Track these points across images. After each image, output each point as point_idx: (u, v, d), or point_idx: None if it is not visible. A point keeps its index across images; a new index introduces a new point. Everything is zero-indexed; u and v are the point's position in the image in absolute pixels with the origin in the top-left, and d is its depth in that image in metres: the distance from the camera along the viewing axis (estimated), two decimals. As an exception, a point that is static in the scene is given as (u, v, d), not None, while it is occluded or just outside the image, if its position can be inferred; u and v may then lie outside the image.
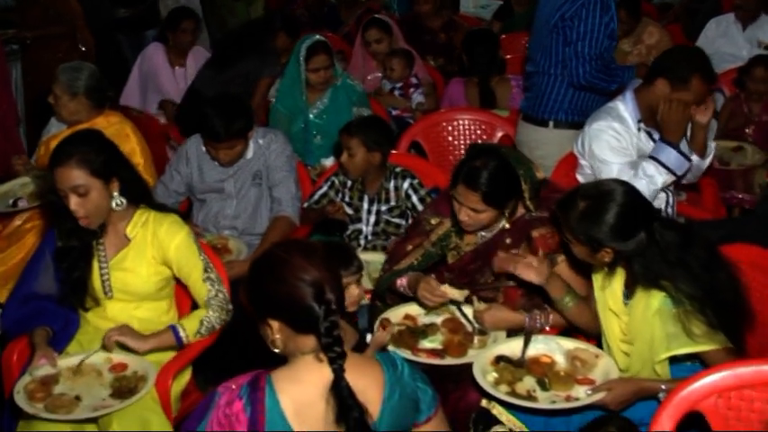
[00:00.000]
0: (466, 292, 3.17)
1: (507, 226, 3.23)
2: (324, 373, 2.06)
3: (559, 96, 4.30)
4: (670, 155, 3.64)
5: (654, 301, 2.73)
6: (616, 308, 2.92)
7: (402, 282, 3.29)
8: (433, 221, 3.40)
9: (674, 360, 2.75)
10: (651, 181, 3.64)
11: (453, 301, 3.21)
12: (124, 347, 3.03)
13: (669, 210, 3.82)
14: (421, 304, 3.23)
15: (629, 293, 2.88)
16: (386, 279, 3.40)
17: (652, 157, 3.67)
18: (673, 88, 3.62)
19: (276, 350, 2.12)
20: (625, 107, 3.78)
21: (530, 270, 3.00)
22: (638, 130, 3.77)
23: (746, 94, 5.07)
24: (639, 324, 2.78)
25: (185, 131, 4.79)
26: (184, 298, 3.33)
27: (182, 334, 3.07)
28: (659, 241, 2.69)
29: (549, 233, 3.14)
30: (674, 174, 3.66)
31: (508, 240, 3.24)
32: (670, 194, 3.85)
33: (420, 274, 3.28)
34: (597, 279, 2.99)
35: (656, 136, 3.74)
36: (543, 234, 3.17)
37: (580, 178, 3.96)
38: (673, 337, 2.68)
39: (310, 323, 2.05)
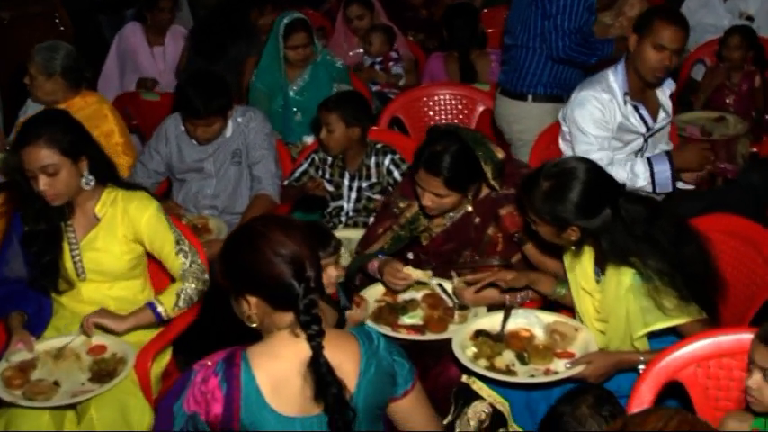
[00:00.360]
0: (429, 273, 3.18)
1: (470, 209, 3.24)
2: (300, 349, 2.05)
3: (538, 70, 4.28)
4: (665, 173, 3.69)
5: (625, 278, 2.72)
6: (588, 286, 2.91)
7: (373, 266, 3.30)
8: (402, 204, 3.40)
9: (652, 335, 2.75)
10: (632, 178, 3.69)
11: (434, 278, 3.23)
12: (104, 330, 3.01)
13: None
14: (390, 288, 3.24)
15: (599, 271, 2.88)
16: (356, 262, 3.40)
17: (648, 160, 3.72)
18: (639, 37, 3.62)
19: (252, 325, 2.10)
20: (615, 78, 3.76)
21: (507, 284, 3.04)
22: (625, 103, 3.76)
23: (726, 63, 5.06)
24: (612, 302, 2.78)
25: None
26: (161, 277, 3.31)
27: (160, 309, 3.04)
28: (624, 217, 2.68)
29: (518, 210, 3.14)
30: (654, 189, 3.72)
31: (477, 220, 3.25)
32: None
33: (388, 259, 3.27)
34: (567, 259, 2.98)
35: (643, 111, 3.77)
36: (511, 212, 3.19)
37: (563, 146, 3.95)
38: (647, 311, 2.68)
39: (289, 300, 2.03)
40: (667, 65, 3.62)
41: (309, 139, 4.69)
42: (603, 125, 3.75)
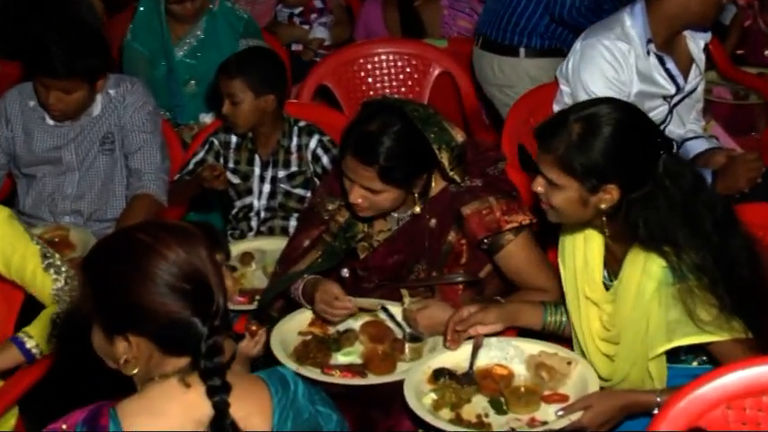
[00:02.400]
0: (377, 303, 3.24)
1: (417, 210, 3.26)
2: (192, 403, 2.02)
3: (534, 16, 4.32)
4: None
5: (650, 280, 2.75)
6: (595, 295, 2.94)
7: (298, 290, 3.32)
8: (331, 206, 3.43)
9: (673, 359, 2.80)
10: None
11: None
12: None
13: None
14: (322, 318, 3.27)
15: (611, 273, 2.91)
16: (276, 287, 3.43)
17: None
18: None
19: (130, 373, 2.07)
20: (633, 22, 3.84)
21: (485, 328, 3.05)
22: (647, 53, 3.85)
23: (762, 5, 5.11)
24: (630, 312, 2.81)
25: None
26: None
27: (29, 345, 3.04)
28: (668, 186, 2.70)
29: (486, 208, 3.18)
30: None
31: (432, 223, 3.27)
32: None
33: (318, 279, 3.30)
34: (564, 260, 3.02)
35: (670, 64, 3.87)
36: (478, 210, 3.20)
37: (557, 110, 3.98)
38: (675, 324, 2.72)
39: (188, 342, 2.01)
40: None
41: (207, 118, 4.73)
42: (617, 86, 3.81)
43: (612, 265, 2.90)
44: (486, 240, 3.21)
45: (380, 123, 3.09)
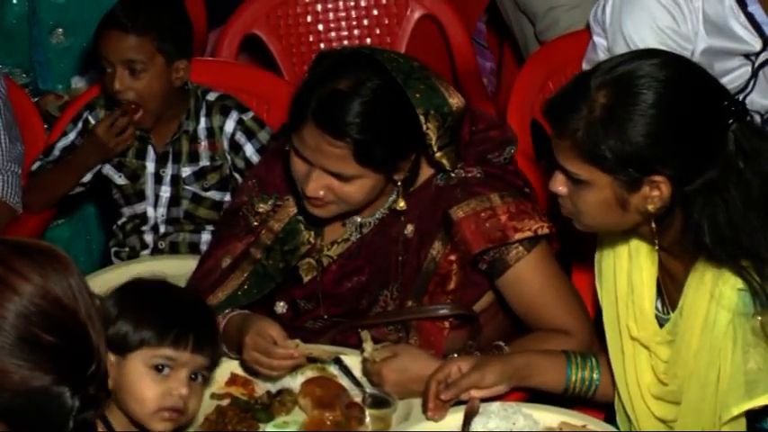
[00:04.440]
0: (335, 350, 3.26)
1: (402, 205, 3.24)
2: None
3: None
4: None
5: (722, 309, 2.73)
6: (644, 334, 2.95)
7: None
8: (262, 207, 3.43)
9: (752, 425, 2.81)
10: None
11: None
12: None
13: None
14: (249, 371, 3.28)
15: (668, 303, 2.93)
16: None
17: None
18: None
19: None
20: None
21: (483, 392, 3.03)
22: None
23: None
24: (695, 357, 2.82)
25: None
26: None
27: None
28: (742, 170, 2.68)
29: (486, 210, 3.20)
30: None
31: (409, 229, 3.29)
32: None
33: (247, 315, 3.30)
34: (603, 282, 3.05)
35: (754, 7, 3.89)
36: (475, 212, 3.21)
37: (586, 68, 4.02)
38: (757, 372, 2.72)
39: (49, 420, 2.00)
40: None
41: (82, 84, 4.78)
42: (675, 40, 3.87)
43: (670, 292, 2.91)
44: (485, 257, 3.21)
45: (352, 80, 3.08)
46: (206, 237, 4.10)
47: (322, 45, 5.05)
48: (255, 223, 3.42)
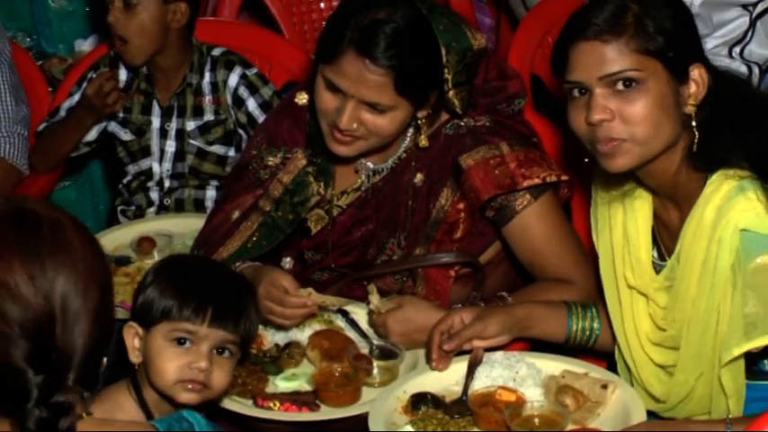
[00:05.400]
0: (346, 300, 3.28)
1: (424, 143, 3.28)
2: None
3: None
4: None
5: (722, 250, 2.72)
6: (641, 281, 2.97)
7: None
8: (271, 159, 3.44)
9: (752, 372, 2.82)
10: None
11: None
12: None
13: None
14: (263, 322, 3.24)
15: (663, 250, 2.94)
16: None
17: None
18: None
19: None
20: None
21: (485, 342, 3.06)
22: None
23: None
24: (693, 301, 2.82)
25: None
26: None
27: None
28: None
29: (495, 157, 3.23)
30: None
31: (418, 178, 3.32)
32: None
33: (258, 267, 3.31)
34: (599, 232, 3.06)
35: None
36: (484, 160, 3.24)
37: None
38: (756, 315, 2.70)
39: (8, 398, 2.01)
40: None
41: (86, 46, 4.78)
42: None
43: (665, 240, 2.93)
44: (493, 204, 3.25)
45: (389, 10, 3.10)
46: (210, 193, 4.15)
47: (322, 5, 5.04)
48: (265, 176, 3.44)
